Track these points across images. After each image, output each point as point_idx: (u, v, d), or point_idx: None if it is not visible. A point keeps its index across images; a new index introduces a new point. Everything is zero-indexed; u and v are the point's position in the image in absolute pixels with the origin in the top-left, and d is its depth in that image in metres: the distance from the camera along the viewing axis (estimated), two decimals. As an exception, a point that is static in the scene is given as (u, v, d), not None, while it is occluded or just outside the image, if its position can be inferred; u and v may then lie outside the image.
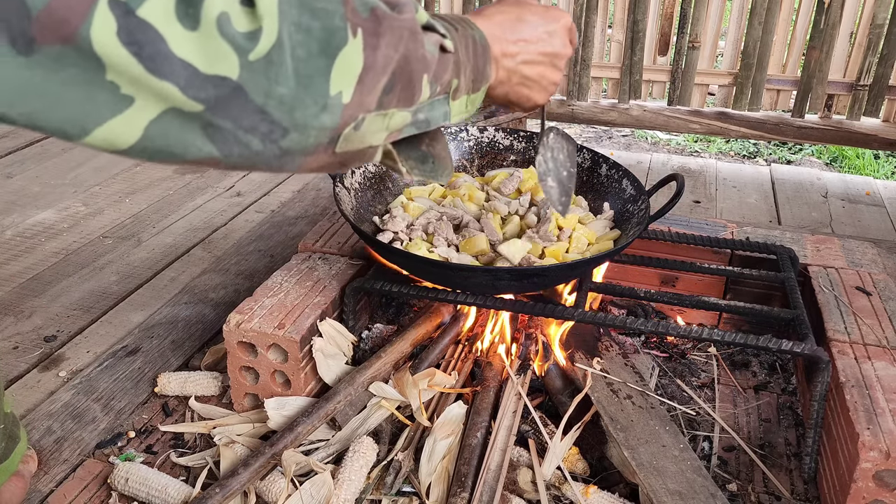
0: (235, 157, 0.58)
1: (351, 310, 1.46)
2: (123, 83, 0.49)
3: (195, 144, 0.56)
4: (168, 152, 0.55)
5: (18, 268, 2.00)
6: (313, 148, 0.63)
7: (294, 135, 0.59)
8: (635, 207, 1.45)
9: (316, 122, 0.60)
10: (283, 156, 0.61)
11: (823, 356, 1.24)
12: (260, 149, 0.59)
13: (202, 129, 0.55)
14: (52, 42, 0.46)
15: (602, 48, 2.99)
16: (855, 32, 2.69)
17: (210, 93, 0.53)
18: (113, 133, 0.51)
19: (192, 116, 0.54)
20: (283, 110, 0.57)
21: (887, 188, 2.75)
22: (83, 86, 0.48)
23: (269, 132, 0.58)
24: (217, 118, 0.55)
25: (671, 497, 1.12)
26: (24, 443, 1.20)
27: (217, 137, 0.56)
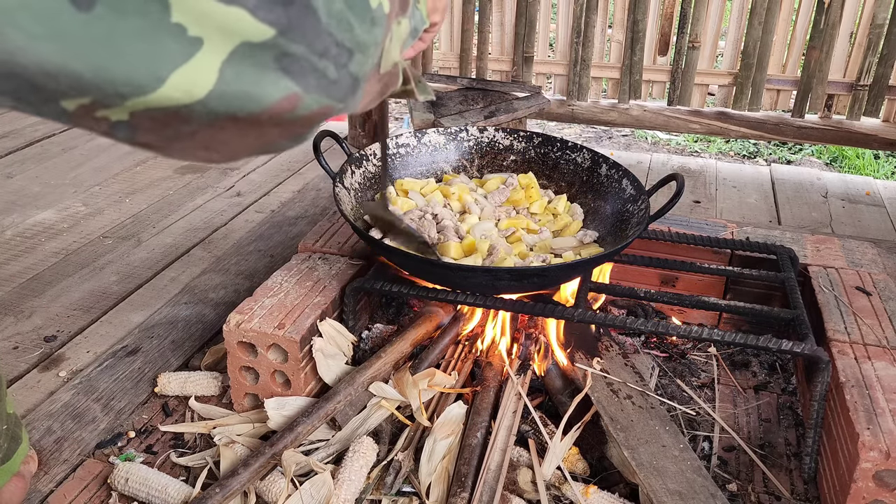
0: (313, 89, 0.54)
1: (351, 310, 1.46)
2: (190, 23, 0.47)
3: (270, 80, 0.52)
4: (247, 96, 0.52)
5: (18, 268, 2.00)
6: (370, 70, 0.61)
7: (358, 55, 0.57)
8: (635, 207, 1.45)
9: (371, 37, 0.58)
10: (355, 87, 0.58)
11: (823, 356, 1.24)
12: (335, 77, 0.56)
13: (276, 60, 0.52)
14: None
15: (602, 48, 2.99)
16: (855, 32, 2.69)
17: (280, 14, 0.50)
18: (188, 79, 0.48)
19: (264, 47, 0.51)
20: (343, 28, 0.55)
21: (887, 188, 2.75)
22: (150, 33, 0.46)
23: (338, 55, 0.55)
24: (290, 43, 0.51)
25: (671, 497, 1.12)
26: (25, 443, 1.20)
27: (293, 68, 0.53)
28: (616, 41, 2.96)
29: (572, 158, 1.63)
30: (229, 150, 0.58)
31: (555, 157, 1.65)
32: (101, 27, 0.44)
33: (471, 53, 3.10)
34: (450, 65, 3.16)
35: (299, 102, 0.55)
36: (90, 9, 0.43)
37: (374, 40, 0.58)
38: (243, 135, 0.56)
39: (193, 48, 0.48)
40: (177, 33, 0.46)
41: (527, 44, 3.02)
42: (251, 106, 0.52)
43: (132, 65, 0.46)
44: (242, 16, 0.48)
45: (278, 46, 0.51)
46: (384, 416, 1.33)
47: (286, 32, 0.51)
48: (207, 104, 0.50)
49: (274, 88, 0.52)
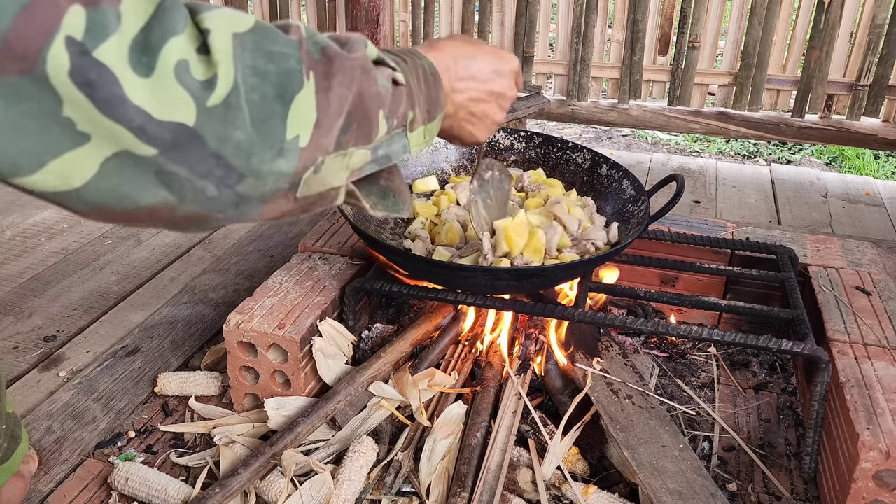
0: (190, 201, 0.57)
1: (351, 310, 1.46)
2: (80, 120, 0.49)
3: (148, 188, 0.54)
4: (122, 193, 0.54)
5: (18, 268, 2.00)
6: (271, 194, 0.62)
7: (250, 179, 0.58)
8: (635, 207, 1.45)
9: (273, 166, 0.59)
10: (239, 202, 0.60)
11: (823, 356, 1.24)
12: (215, 194, 0.57)
13: (155, 174, 0.54)
14: (11, 73, 0.46)
15: (602, 48, 2.99)
16: (855, 32, 2.69)
17: (165, 137, 0.52)
18: (68, 167, 0.51)
19: (144, 161, 0.53)
20: (239, 156, 0.56)
21: (887, 188, 2.75)
22: (41, 118, 0.48)
23: (224, 177, 0.57)
24: (170, 164, 0.54)
25: (671, 497, 1.12)
26: (25, 443, 1.20)
27: (172, 183, 0.55)
28: (616, 41, 2.96)
29: (573, 158, 1.63)
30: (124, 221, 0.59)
31: (555, 158, 1.65)
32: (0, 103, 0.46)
33: (471, 53, 3.10)
34: (450, 65, 3.16)
35: (175, 210, 0.57)
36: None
37: (276, 169, 0.59)
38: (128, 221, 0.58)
39: (80, 140, 0.50)
40: (65, 124, 0.49)
41: (527, 44, 3.02)
42: (126, 203, 0.55)
43: (17, 147, 0.48)
44: (126, 133, 0.51)
45: (157, 163, 0.53)
46: (384, 416, 1.33)
47: (167, 155, 0.53)
48: (83, 194, 0.53)
49: (150, 194, 0.55)
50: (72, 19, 0.47)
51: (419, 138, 0.82)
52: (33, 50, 0.46)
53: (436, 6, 3.09)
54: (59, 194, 0.52)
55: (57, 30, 0.47)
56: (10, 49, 0.46)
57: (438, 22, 3.13)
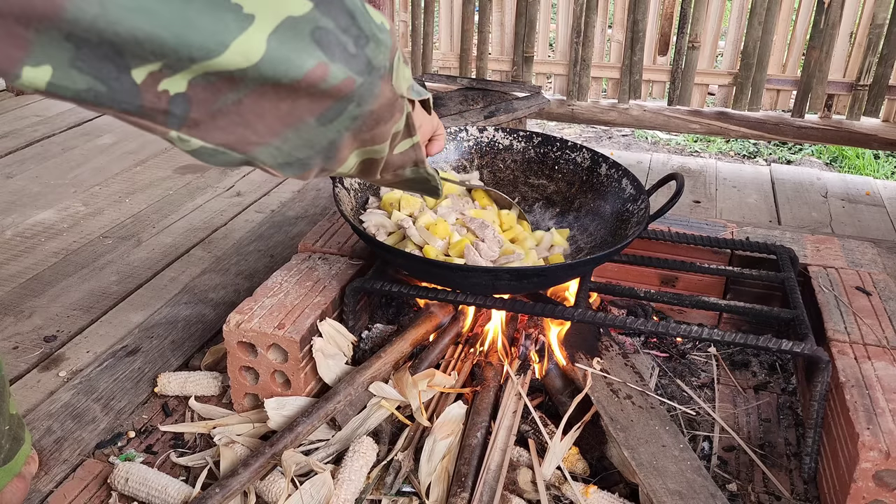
0: (338, 59, 0.66)
1: (351, 310, 1.46)
2: (245, 2, 0.57)
3: (306, 50, 0.63)
4: (289, 62, 0.62)
5: (18, 268, 2.00)
6: (384, 69, 0.72)
7: (372, 44, 0.69)
8: (635, 207, 1.45)
9: (382, 36, 0.70)
10: (370, 69, 0.69)
11: (823, 356, 1.24)
12: (354, 51, 0.67)
13: (310, 33, 0.63)
14: None
15: (602, 48, 2.99)
16: (855, 32, 2.69)
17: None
18: (245, 46, 0.59)
19: (302, 21, 0.62)
20: (363, 18, 0.68)
21: (887, 188, 2.75)
22: (212, 9, 0.56)
23: (358, 36, 0.67)
24: (322, 17, 0.63)
25: (671, 497, 1.12)
26: (28, 444, 1.20)
27: (323, 40, 0.64)
28: (616, 41, 2.96)
29: (572, 158, 1.63)
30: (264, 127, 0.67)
31: (554, 157, 1.65)
32: (177, 4, 0.54)
33: (471, 53, 3.10)
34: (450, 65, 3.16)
35: (328, 71, 0.65)
36: None
37: (384, 39, 0.70)
38: (279, 105, 0.66)
39: (246, 23, 0.58)
40: (234, 10, 0.57)
41: (527, 44, 3.02)
42: (293, 72, 0.63)
43: (203, 34, 0.56)
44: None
45: (313, 20, 0.63)
46: (384, 416, 1.33)
47: (319, 6, 0.63)
48: (259, 68, 0.61)
49: (308, 57, 0.63)
50: None
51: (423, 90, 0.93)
52: None
53: (436, 6, 3.08)
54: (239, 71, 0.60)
55: None
56: None
57: (438, 22, 3.13)
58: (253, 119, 0.66)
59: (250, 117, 0.65)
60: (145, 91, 0.57)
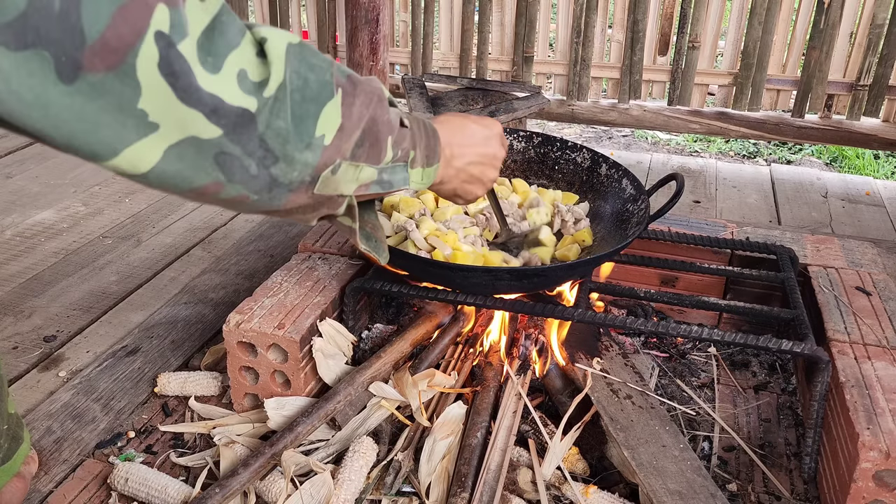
0: (237, 181, 0.66)
1: (351, 310, 1.46)
2: (153, 111, 0.56)
3: (205, 169, 0.63)
4: (181, 176, 0.63)
5: (18, 268, 2.00)
6: (297, 183, 0.72)
7: (282, 164, 0.69)
8: (635, 207, 1.45)
9: (301, 156, 0.70)
10: (272, 186, 0.70)
11: (823, 356, 1.24)
12: (255, 173, 0.67)
13: (214, 156, 0.63)
14: (98, 70, 0.52)
15: (602, 48, 2.99)
16: (855, 32, 2.69)
17: (230, 120, 0.62)
18: (137, 155, 0.58)
19: (208, 143, 0.62)
20: (277, 140, 0.67)
21: (887, 188, 2.75)
22: (116, 112, 0.55)
23: (263, 158, 0.67)
24: (230, 143, 0.63)
25: (671, 497, 1.12)
26: (27, 444, 1.20)
27: (225, 163, 0.64)
28: (616, 41, 2.96)
29: (572, 158, 1.63)
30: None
31: (554, 157, 1.65)
32: (79, 100, 0.52)
33: (471, 53, 3.10)
34: (450, 65, 3.16)
35: (221, 189, 0.67)
36: (72, 82, 0.51)
37: (303, 160, 0.71)
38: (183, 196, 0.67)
39: (148, 130, 0.58)
40: (139, 116, 0.56)
41: (527, 44, 3.02)
42: (182, 185, 0.64)
43: (96, 136, 0.55)
44: (198, 117, 0.60)
45: (219, 145, 0.63)
46: (384, 416, 1.33)
47: (228, 134, 0.63)
48: (148, 177, 0.61)
49: (205, 175, 0.64)
50: (159, 16, 0.54)
51: (418, 177, 0.94)
52: (126, 45, 0.53)
53: (436, 6, 3.08)
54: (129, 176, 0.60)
55: (148, 26, 0.54)
56: (105, 46, 0.51)
57: (438, 22, 3.13)
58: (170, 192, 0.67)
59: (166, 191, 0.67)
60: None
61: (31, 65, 0.49)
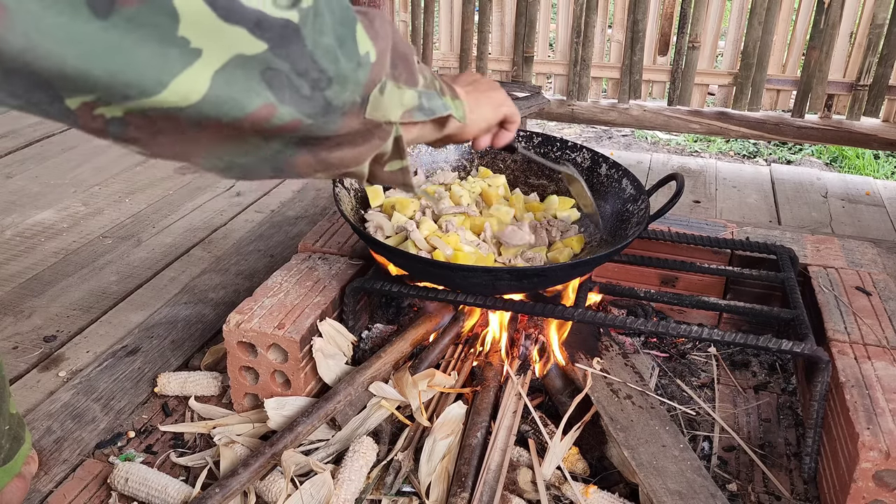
0: (287, 101, 0.62)
1: (351, 310, 1.46)
2: (194, 36, 0.53)
3: (254, 90, 0.60)
4: (233, 102, 0.59)
5: (18, 268, 2.00)
6: (349, 105, 0.69)
7: (336, 86, 0.65)
8: (635, 207, 1.45)
9: (353, 75, 0.67)
10: (326, 110, 0.66)
11: (823, 356, 1.24)
12: (308, 94, 0.64)
13: (261, 73, 0.59)
14: (131, 2, 0.49)
15: (602, 48, 2.99)
16: (855, 32, 2.69)
17: (276, 32, 0.58)
18: (185, 86, 0.55)
19: (254, 60, 0.58)
20: (328, 59, 0.63)
21: (887, 188, 2.75)
22: (156, 43, 0.52)
23: (317, 79, 0.63)
24: (277, 59, 0.59)
25: (671, 497, 1.12)
26: (28, 444, 1.20)
27: (274, 81, 0.60)
28: (616, 41, 2.96)
29: (572, 158, 1.63)
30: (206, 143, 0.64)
31: (554, 157, 1.65)
32: (115, 35, 0.49)
33: (471, 53, 3.10)
34: (450, 65, 3.16)
35: (274, 112, 0.62)
36: (107, 17, 0.49)
37: (355, 78, 0.68)
38: (221, 132, 0.63)
39: (193, 57, 0.54)
40: (180, 45, 0.53)
41: (527, 44, 3.02)
42: (235, 112, 0.60)
43: (140, 71, 0.52)
44: (242, 33, 0.56)
45: (266, 61, 0.59)
46: (384, 416, 1.33)
47: (275, 49, 0.59)
48: (199, 108, 0.57)
49: (256, 97, 0.60)
50: None
51: (453, 106, 0.90)
52: None
53: (436, 6, 3.08)
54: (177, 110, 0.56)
55: None
56: None
57: (438, 22, 3.13)
58: (194, 139, 0.63)
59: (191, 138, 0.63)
60: (81, 115, 0.55)
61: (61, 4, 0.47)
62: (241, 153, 0.68)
